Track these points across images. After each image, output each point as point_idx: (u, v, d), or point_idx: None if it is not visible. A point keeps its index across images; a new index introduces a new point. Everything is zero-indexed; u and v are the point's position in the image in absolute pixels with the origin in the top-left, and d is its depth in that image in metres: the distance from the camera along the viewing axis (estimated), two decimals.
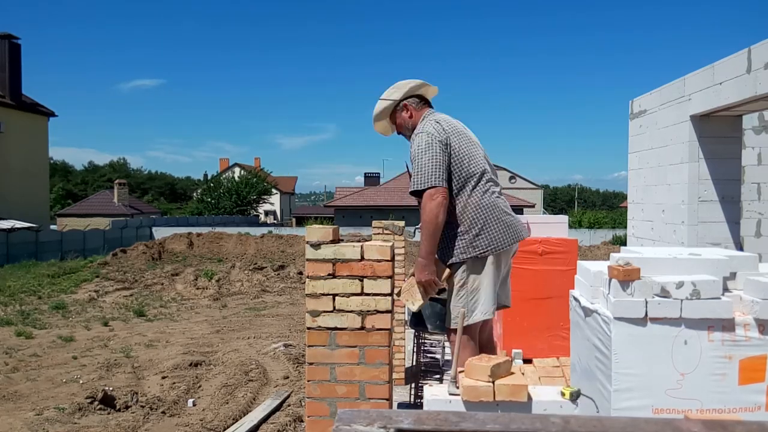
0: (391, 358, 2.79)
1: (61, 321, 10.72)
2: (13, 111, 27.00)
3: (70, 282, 15.10)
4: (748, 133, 6.45)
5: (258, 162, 63.50)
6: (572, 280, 2.98)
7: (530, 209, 37.61)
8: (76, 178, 65.70)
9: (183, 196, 69.92)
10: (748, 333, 2.28)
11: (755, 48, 4.65)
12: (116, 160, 74.36)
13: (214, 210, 46.18)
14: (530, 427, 0.77)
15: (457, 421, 0.79)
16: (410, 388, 5.06)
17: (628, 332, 2.30)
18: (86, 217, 37.84)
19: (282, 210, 62.29)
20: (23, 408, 5.92)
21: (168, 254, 21.13)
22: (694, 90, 5.57)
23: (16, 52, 27.60)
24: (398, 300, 3.36)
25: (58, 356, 8.05)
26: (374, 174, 47.46)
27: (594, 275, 2.59)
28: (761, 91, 4.56)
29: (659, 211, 6.34)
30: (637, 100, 7.03)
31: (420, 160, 3.13)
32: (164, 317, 11.30)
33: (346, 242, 2.72)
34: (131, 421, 5.50)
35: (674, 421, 0.79)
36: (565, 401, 2.62)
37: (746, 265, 2.51)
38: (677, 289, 2.28)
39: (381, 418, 0.80)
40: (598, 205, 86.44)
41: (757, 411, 2.29)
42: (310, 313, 2.69)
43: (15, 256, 20.56)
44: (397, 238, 5.31)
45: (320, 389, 2.66)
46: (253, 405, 5.91)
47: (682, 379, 2.28)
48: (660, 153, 6.30)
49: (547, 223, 6.07)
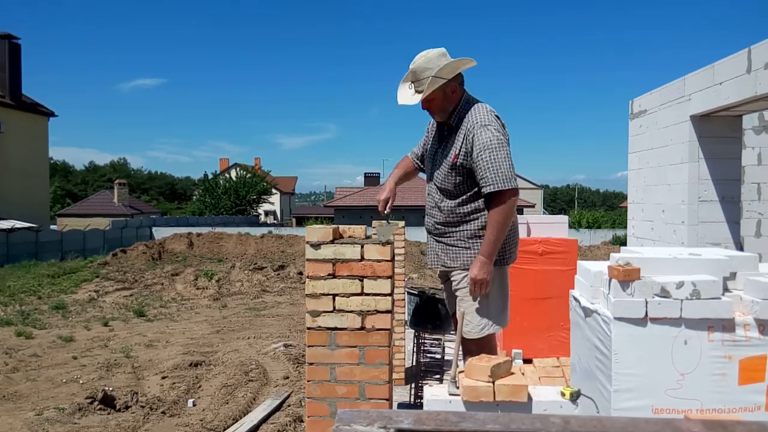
0: (391, 358, 2.79)
1: (61, 321, 10.71)
2: (13, 111, 26.99)
3: (70, 282, 15.10)
4: (748, 133, 6.45)
5: (258, 162, 63.51)
6: (572, 280, 2.98)
7: (530, 209, 37.61)
8: (76, 178, 65.72)
9: (183, 196, 69.94)
10: (748, 333, 2.28)
11: (755, 48, 4.65)
12: (116, 160, 74.49)
13: (214, 210, 46.19)
14: (530, 427, 0.77)
15: (457, 421, 0.79)
16: (410, 388, 5.06)
17: (628, 332, 2.30)
18: (86, 217, 37.83)
19: (282, 210, 62.29)
20: (23, 408, 5.92)
21: (168, 254, 21.13)
22: (694, 90, 5.57)
23: (16, 52, 27.59)
24: (398, 300, 3.34)
25: (58, 356, 8.05)
26: (374, 174, 47.45)
27: (594, 275, 2.59)
28: (761, 91, 4.56)
29: (659, 211, 6.34)
30: (637, 100, 7.03)
31: (496, 155, 3.01)
32: (164, 317, 11.30)
33: (347, 241, 2.72)
34: (131, 422, 5.50)
35: (674, 421, 0.79)
36: (565, 401, 2.62)
37: (746, 265, 2.51)
38: (677, 289, 2.28)
39: (381, 418, 0.80)
40: (598, 205, 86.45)
41: (757, 411, 2.29)
42: (310, 313, 2.69)
43: (15, 256, 20.55)
44: (398, 235, 5.31)
45: (320, 389, 2.66)
46: (253, 405, 5.90)
47: (682, 379, 2.28)
48: (660, 153, 6.30)
49: (547, 223, 6.07)
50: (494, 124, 3.10)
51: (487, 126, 3.08)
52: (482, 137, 3.05)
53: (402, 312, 5.46)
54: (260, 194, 49.46)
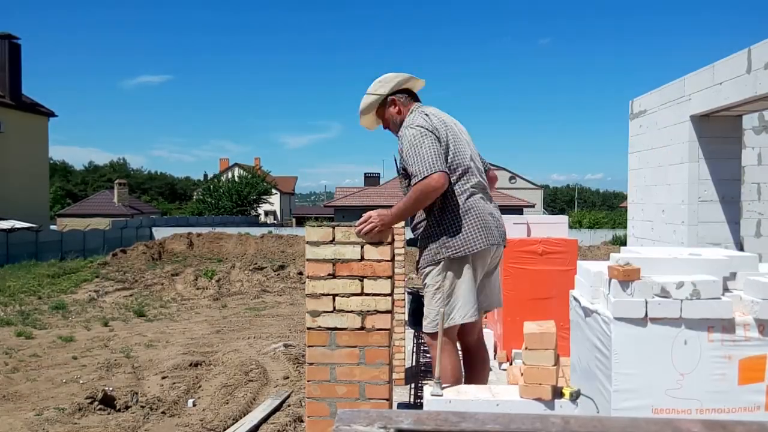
0: (391, 358, 2.79)
1: (61, 321, 10.71)
2: (13, 111, 26.99)
3: (70, 282, 15.10)
4: (748, 133, 6.45)
5: (258, 162, 63.54)
6: (572, 280, 2.98)
7: (530, 209, 37.60)
8: (76, 178, 65.70)
9: (183, 196, 69.95)
10: (748, 333, 2.28)
11: (755, 48, 4.65)
12: (116, 160, 74.49)
13: (214, 210, 46.20)
14: (530, 427, 0.77)
15: (457, 421, 0.79)
16: (410, 388, 5.06)
17: (628, 332, 2.30)
18: (86, 217, 37.79)
19: (282, 210, 62.30)
20: (23, 408, 5.92)
21: (168, 254, 21.13)
22: (694, 90, 5.57)
23: (16, 52, 27.58)
24: (398, 300, 3.32)
25: (58, 356, 8.05)
26: (374, 174, 47.44)
27: (594, 275, 2.59)
28: (761, 91, 4.55)
29: (659, 211, 6.34)
30: (637, 100, 7.02)
31: (417, 150, 3.02)
32: (164, 317, 11.30)
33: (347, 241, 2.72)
34: (131, 422, 5.50)
35: (674, 421, 0.79)
36: (565, 401, 2.62)
37: (746, 265, 2.51)
38: (677, 289, 2.28)
39: (381, 418, 0.80)
40: (598, 205, 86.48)
41: (757, 411, 2.29)
42: (310, 313, 2.69)
43: (15, 257, 20.55)
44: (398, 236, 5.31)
45: (320, 389, 2.66)
46: (253, 405, 5.91)
47: (681, 379, 2.28)
48: (660, 153, 6.30)
49: (547, 223, 6.07)
50: (417, 122, 3.15)
51: (408, 127, 3.15)
52: (405, 138, 3.12)
53: (402, 312, 5.46)
54: (260, 194, 49.49)
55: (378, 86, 3.34)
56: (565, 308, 3.09)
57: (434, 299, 3.13)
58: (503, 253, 3.48)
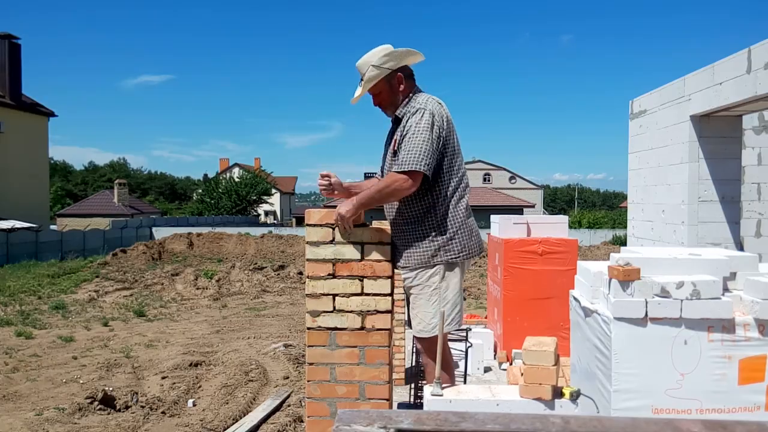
0: (391, 358, 2.79)
1: (61, 321, 10.71)
2: (13, 111, 27.00)
3: (70, 282, 15.10)
4: (748, 133, 6.45)
5: (258, 162, 63.56)
6: (572, 280, 2.98)
7: (530, 209, 37.60)
8: (76, 178, 65.72)
9: (183, 196, 69.98)
10: (747, 333, 2.28)
11: (755, 48, 4.65)
12: (116, 160, 74.53)
13: (214, 210, 46.20)
14: (530, 427, 0.77)
15: (457, 421, 0.79)
16: (410, 388, 5.06)
17: (628, 332, 2.30)
18: (86, 217, 37.82)
19: (282, 210, 62.31)
20: (23, 408, 5.92)
21: (168, 254, 21.13)
22: (694, 90, 5.57)
23: (16, 52, 27.60)
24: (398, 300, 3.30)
25: (58, 356, 8.05)
26: (374, 174, 47.29)
27: (594, 275, 2.59)
28: (761, 91, 4.56)
29: (659, 211, 6.34)
30: (637, 100, 7.03)
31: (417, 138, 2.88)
32: (164, 317, 11.30)
33: (347, 241, 2.72)
34: (131, 422, 5.50)
35: (674, 421, 0.79)
36: (565, 401, 2.62)
37: (746, 265, 2.51)
38: (677, 289, 2.28)
39: (381, 418, 0.80)
40: (599, 204, 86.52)
41: (757, 411, 2.29)
42: (310, 313, 2.69)
43: (15, 256, 20.55)
44: None
45: (320, 389, 2.66)
46: (253, 405, 5.90)
47: (681, 379, 2.28)
48: (660, 153, 6.30)
49: (547, 223, 6.07)
50: (431, 109, 2.98)
51: (420, 110, 2.98)
52: (412, 121, 2.96)
53: (402, 312, 5.46)
54: (260, 194, 49.49)
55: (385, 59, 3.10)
56: (565, 308, 3.09)
57: (430, 302, 2.99)
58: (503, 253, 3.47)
